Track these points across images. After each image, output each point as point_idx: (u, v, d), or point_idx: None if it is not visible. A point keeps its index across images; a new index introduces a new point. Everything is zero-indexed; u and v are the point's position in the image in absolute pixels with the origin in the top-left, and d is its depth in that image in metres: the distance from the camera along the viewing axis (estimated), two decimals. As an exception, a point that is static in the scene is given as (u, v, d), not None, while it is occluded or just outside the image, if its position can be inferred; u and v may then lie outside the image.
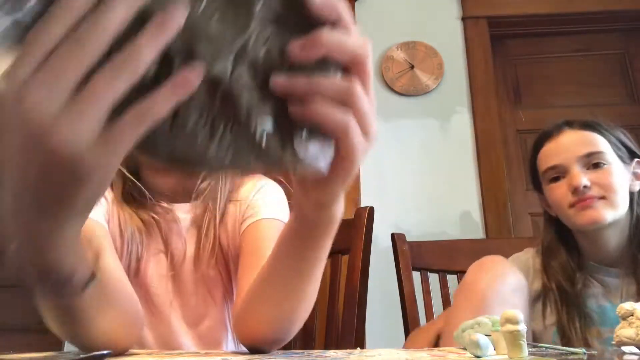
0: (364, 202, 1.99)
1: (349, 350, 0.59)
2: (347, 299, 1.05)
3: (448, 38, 2.20)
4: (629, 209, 0.91)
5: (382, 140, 2.09)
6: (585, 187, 0.88)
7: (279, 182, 0.92)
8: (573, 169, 0.90)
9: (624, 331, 0.52)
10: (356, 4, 2.26)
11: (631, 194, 0.92)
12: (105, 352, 0.47)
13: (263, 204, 0.84)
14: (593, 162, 0.90)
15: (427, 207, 1.98)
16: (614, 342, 0.53)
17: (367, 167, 2.05)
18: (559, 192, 0.92)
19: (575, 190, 0.89)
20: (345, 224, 1.14)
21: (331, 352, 0.57)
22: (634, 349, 0.51)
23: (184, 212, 0.85)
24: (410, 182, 2.02)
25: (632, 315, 0.53)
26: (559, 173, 0.93)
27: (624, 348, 0.52)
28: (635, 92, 2.17)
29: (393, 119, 2.11)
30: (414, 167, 2.04)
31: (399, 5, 2.27)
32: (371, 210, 1.13)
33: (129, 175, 0.82)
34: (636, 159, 0.95)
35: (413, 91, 2.13)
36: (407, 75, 2.14)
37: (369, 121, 0.35)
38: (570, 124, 0.95)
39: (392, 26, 2.23)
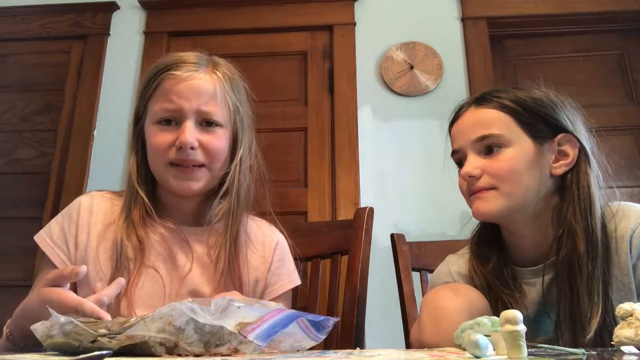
0: (364, 202, 1.99)
1: (348, 350, 0.59)
2: (346, 299, 1.05)
3: (447, 39, 2.20)
4: (554, 195, 0.81)
5: (382, 140, 2.09)
6: (472, 176, 0.80)
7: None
8: (469, 155, 0.82)
9: (624, 331, 0.52)
10: (356, 4, 2.26)
11: (555, 177, 0.81)
12: (104, 352, 0.47)
13: (288, 271, 0.96)
14: (486, 146, 0.81)
15: (427, 207, 1.97)
16: (613, 342, 0.53)
17: (367, 167, 2.05)
18: (460, 179, 0.85)
19: (465, 180, 0.82)
20: (345, 225, 1.15)
21: (331, 352, 0.57)
22: (634, 349, 0.51)
23: (196, 237, 0.89)
24: (410, 182, 2.02)
25: (631, 315, 0.53)
26: (461, 158, 0.85)
27: (623, 348, 0.52)
28: (634, 92, 2.17)
29: (393, 119, 2.11)
30: (414, 167, 2.03)
31: (399, 5, 2.27)
32: (370, 210, 1.13)
33: (143, 195, 0.85)
34: (561, 134, 0.82)
35: (413, 91, 2.13)
36: (407, 76, 2.14)
37: None
38: (477, 101, 0.85)
39: (392, 26, 2.24)
